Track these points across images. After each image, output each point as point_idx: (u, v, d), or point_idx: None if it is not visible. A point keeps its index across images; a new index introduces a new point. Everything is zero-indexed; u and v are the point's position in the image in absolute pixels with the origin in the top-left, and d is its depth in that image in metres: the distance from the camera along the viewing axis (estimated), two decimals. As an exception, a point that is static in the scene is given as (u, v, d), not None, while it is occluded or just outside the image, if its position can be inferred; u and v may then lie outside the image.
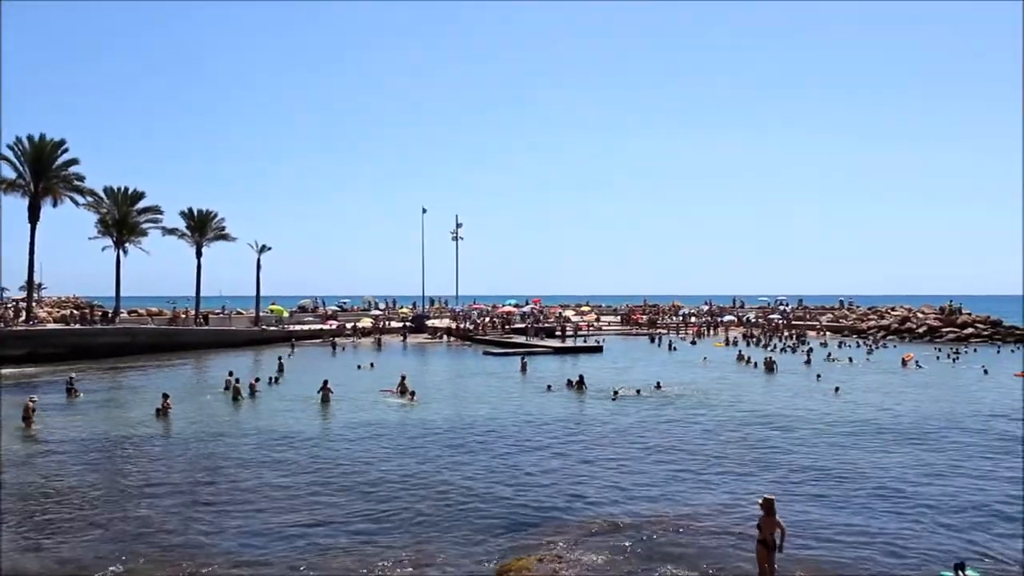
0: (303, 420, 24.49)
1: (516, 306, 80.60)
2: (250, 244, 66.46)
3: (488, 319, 71.03)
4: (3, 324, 46.57)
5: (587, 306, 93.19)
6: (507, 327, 66.87)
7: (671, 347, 56.00)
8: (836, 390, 30.86)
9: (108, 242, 56.43)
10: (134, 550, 11.95)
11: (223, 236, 64.11)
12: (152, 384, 33.46)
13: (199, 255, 62.63)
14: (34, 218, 48.75)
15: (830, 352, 50.53)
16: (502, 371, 39.66)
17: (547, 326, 66.48)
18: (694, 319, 79.84)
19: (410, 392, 29.40)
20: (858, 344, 59.06)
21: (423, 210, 77.12)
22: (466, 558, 11.58)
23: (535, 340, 57.74)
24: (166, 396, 25.85)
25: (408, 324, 69.04)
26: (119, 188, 57.05)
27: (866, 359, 47.00)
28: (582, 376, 32.08)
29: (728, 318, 78.97)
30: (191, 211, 62.51)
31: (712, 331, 72.61)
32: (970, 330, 63.63)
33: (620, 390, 30.04)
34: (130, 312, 66.59)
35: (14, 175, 48.30)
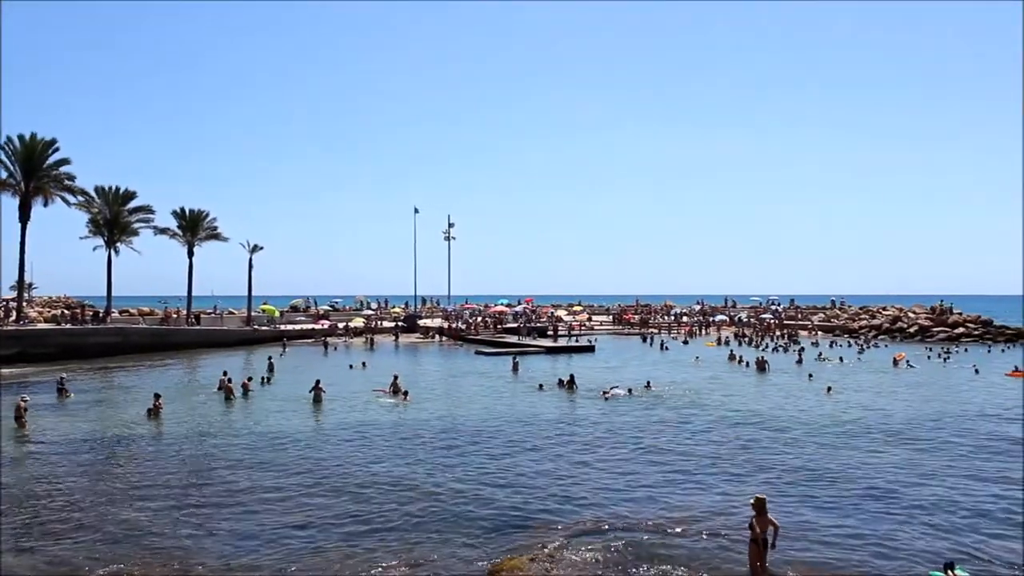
0: (295, 420, 24.41)
1: (508, 306, 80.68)
2: (242, 244, 66.46)
3: (480, 319, 71.09)
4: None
5: (579, 306, 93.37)
6: (499, 327, 66.99)
7: (663, 347, 56.18)
8: (828, 390, 30.93)
9: (99, 242, 56.45)
10: (125, 551, 11.91)
11: (215, 236, 64.15)
12: (143, 384, 33.30)
13: (191, 255, 62.70)
14: (25, 218, 48.57)
15: (821, 352, 50.74)
16: (494, 371, 39.67)
17: (539, 326, 66.59)
18: (686, 319, 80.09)
19: (403, 392, 29.40)
20: (849, 344, 59.37)
21: (415, 210, 77.43)
22: (458, 558, 11.58)
23: (527, 340, 57.89)
24: (158, 396, 25.76)
25: (400, 324, 69.01)
26: (110, 187, 57.12)
27: (857, 359, 47.25)
28: (572, 376, 32.14)
29: (720, 318, 79.27)
30: (183, 211, 62.53)
31: (704, 331, 72.88)
32: (961, 330, 64.11)
33: (611, 390, 29.91)
34: (121, 312, 66.51)
35: (4, 174, 48.26)
